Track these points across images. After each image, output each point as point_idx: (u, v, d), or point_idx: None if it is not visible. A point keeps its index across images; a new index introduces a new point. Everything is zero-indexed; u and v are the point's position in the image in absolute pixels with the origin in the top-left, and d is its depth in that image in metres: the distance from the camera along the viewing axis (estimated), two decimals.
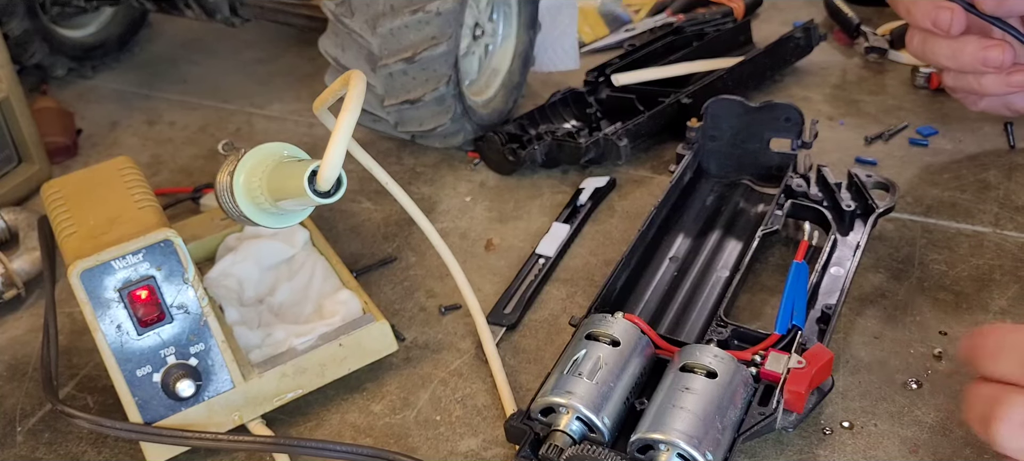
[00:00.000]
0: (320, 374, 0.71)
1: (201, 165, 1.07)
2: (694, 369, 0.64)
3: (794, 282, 0.71)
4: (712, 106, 0.90)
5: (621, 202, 0.94)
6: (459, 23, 0.91)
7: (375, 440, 0.69)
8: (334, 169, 0.55)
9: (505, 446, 0.68)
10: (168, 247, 0.65)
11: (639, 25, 1.29)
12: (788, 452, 0.65)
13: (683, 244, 0.85)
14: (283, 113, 1.17)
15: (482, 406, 0.72)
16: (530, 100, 1.12)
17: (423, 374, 0.75)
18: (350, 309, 0.75)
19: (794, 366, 0.64)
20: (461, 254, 0.87)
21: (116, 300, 0.64)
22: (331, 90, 0.64)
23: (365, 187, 0.98)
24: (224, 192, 0.61)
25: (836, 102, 1.09)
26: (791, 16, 1.30)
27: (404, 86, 0.92)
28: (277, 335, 0.73)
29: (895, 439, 0.65)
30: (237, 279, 0.79)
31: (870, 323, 0.75)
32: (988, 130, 1.00)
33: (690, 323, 0.76)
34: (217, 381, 0.67)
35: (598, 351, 0.66)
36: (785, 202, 0.82)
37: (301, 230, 0.83)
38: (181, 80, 1.28)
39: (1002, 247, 0.83)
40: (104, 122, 1.18)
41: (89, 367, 0.78)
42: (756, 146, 0.90)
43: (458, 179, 0.99)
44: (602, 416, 0.62)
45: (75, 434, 0.72)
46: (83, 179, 0.75)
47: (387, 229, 0.92)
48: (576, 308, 0.81)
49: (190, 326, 0.66)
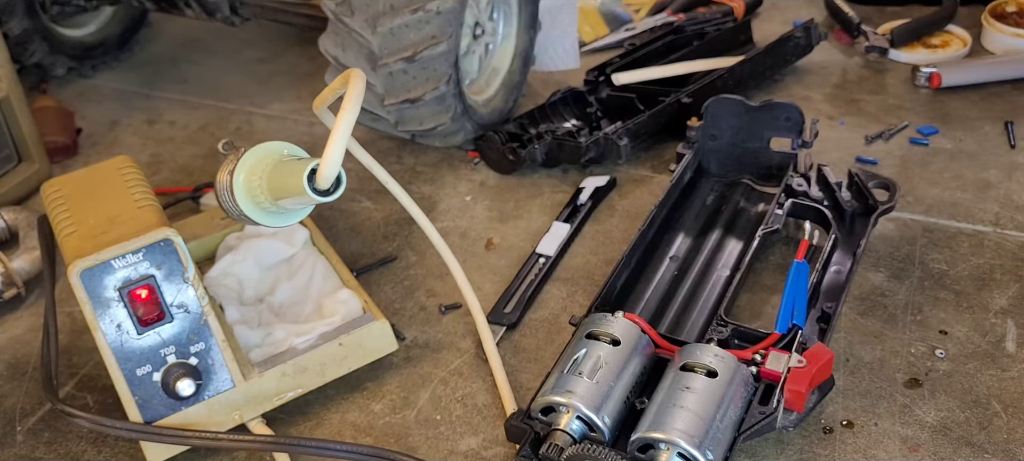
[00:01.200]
0: (320, 373, 0.71)
1: (201, 164, 1.07)
2: (694, 368, 0.63)
3: (794, 281, 0.71)
4: (712, 105, 0.90)
5: (621, 201, 0.94)
6: (459, 22, 0.91)
7: (375, 439, 0.69)
8: (333, 167, 0.55)
9: (505, 445, 0.68)
10: (168, 246, 0.65)
11: (639, 25, 1.29)
12: (788, 451, 0.65)
13: (683, 243, 0.85)
14: (283, 112, 1.17)
15: (482, 405, 0.71)
16: (530, 99, 1.12)
17: (423, 373, 0.75)
18: (350, 308, 0.75)
19: (794, 365, 0.64)
20: (461, 253, 0.87)
21: (116, 299, 0.64)
22: (331, 89, 0.64)
23: (365, 186, 0.98)
24: (224, 191, 0.61)
25: (836, 101, 1.09)
26: (791, 15, 1.30)
27: (404, 85, 0.92)
28: (277, 334, 0.73)
29: (895, 438, 0.65)
30: (237, 278, 0.79)
31: (870, 323, 0.75)
32: (988, 130, 1.00)
33: (690, 322, 0.76)
34: (217, 380, 0.67)
35: (598, 350, 0.66)
36: (785, 201, 0.82)
37: (301, 229, 0.83)
38: (181, 79, 1.28)
39: (1002, 246, 0.83)
40: (104, 121, 1.18)
41: (89, 366, 0.78)
42: (756, 145, 0.89)
43: (458, 178, 0.99)
44: (602, 415, 0.62)
45: (75, 433, 0.72)
46: (83, 178, 0.75)
47: (387, 228, 0.92)
48: (576, 307, 0.81)
49: (190, 325, 0.66)
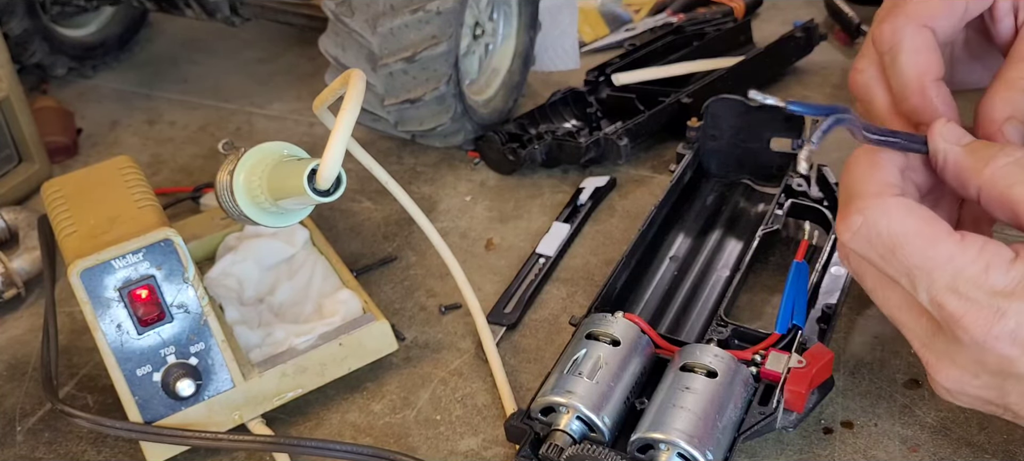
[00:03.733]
0: (320, 373, 0.71)
1: (201, 164, 1.07)
2: (694, 369, 0.64)
3: (794, 281, 0.71)
4: (712, 105, 0.90)
5: (621, 202, 0.94)
6: (459, 22, 0.91)
7: (375, 440, 0.69)
8: (334, 168, 0.55)
9: (505, 446, 0.68)
10: (168, 246, 0.65)
11: (639, 25, 1.29)
12: (788, 452, 0.65)
13: (683, 243, 0.85)
14: (283, 112, 1.17)
15: (482, 405, 0.72)
16: (530, 100, 1.12)
17: (423, 373, 0.75)
18: (350, 308, 0.75)
19: (794, 366, 0.64)
20: (461, 253, 0.87)
21: (116, 299, 0.64)
22: (331, 89, 0.64)
23: (365, 186, 0.98)
24: (224, 191, 0.61)
25: (836, 101, 1.09)
26: (791, 16, 1.30)
27: (404, 85, 0.92)
28: (277, 334, 0.73)
29: (895, 439, 0.65)
30: (237, 278, 0.79)
31: (870, 323, 0.75)
32: None
33: (690, 322, 0.76)
34: (217, 380, 0.67)
35: (598, 351, 0.66)
36: (785, 201, 0.82)
37: (301, 229, 0.83)
38: (181, 79, 1.28)
39: None
40: (104, 121, 1.18)
41: (89, 366, 0.78)
42: (756, 145, 0.90)
43: (458, 178, 0.99)
44: (602, 416, 0.62)
45: (75, 433, 0.72)
46: (83, 178, 0.75)
47: (387, 228, 0.92)
48: (576, 308, 0.81)
49: (190, 325, 0.66)
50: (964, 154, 0.53)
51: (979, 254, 0.48)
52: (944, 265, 0.48)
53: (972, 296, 0.48)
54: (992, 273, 0.47)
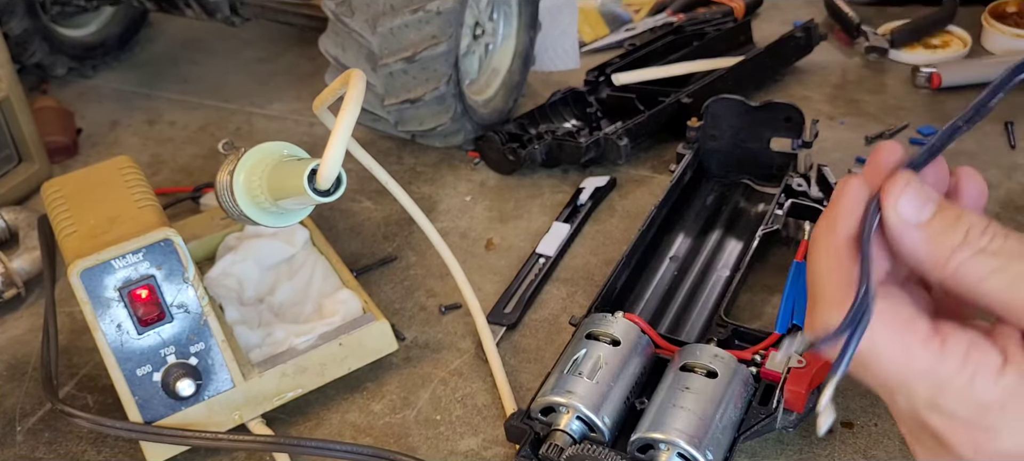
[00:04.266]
0: (320, 373, 0.71)
1: (201, 164, 1.07)
2: (694, 369, 0.64)
3: (794, 281, 0.71)
4: (713, 106, 0.90)
5: (621, 202, 0.94)
6: (459, 22, 0.91)
7: (375, 439, 0.69)
8: (334, 168, 0.55)
9: (505, 445, 0.68)
10: (168, 246, 0.65)
11: (639, 25, 1.29)
12: (788, 452, 0.65)
13: (683, 244, 0.85)
14: (283, 112, 1.17)
15: (482, 405, 0.71)
16: (530, 100, 1.12)
17: (423, 373, 0.75)
18: (350, 309, 0.75)
19: (794, 366, 0.64)
20: (461, 254, 0.87)
21: (116, 299, 0.64)
22: (331, 89, 0.64)
23: (365, 186, 0.98)
24: (224, 191, 0.61)
25: (836, 102, 1.09)
26: (791, 16, 1.30)
27: (404, 85, 0.92)
28: (277, 334, 0.73)
29: (895, 439, 0.65)
30: (237, 279, 0.79)
31: None
32: (988, 130, 1.00)
33: (690, 322, 0.76)
34: (217, 380, 0.67)
35: (598, 351, 0.66)
36: (785, 201, 0.82)
37: (301, 229, 0.83)
38: (181, 80, 1.28)
39: None
40: (104, 121, 1.18)
41: (89, 366, 0.78)
42: (756, 146, 0.90)
43: (458, 179, 0.99)
44: (602, 415, 0.62)
45: (75, 433, 0.72)
46: (83, 178, 0.75)
47: (387, 228, 0.92)
48: (576, 308, 0.81)
49: (190, 325, 0.66)
50: (923, 241, 0.44)
51: (963, 364, 0.40)
52: (923, 379, 0.41)
53: (958, 413, 0.40)
54: (978, 384, 0.40)
